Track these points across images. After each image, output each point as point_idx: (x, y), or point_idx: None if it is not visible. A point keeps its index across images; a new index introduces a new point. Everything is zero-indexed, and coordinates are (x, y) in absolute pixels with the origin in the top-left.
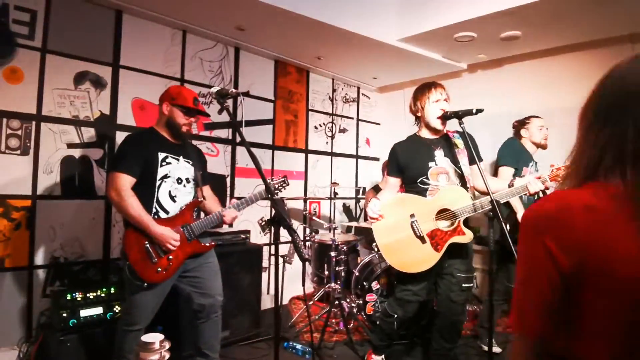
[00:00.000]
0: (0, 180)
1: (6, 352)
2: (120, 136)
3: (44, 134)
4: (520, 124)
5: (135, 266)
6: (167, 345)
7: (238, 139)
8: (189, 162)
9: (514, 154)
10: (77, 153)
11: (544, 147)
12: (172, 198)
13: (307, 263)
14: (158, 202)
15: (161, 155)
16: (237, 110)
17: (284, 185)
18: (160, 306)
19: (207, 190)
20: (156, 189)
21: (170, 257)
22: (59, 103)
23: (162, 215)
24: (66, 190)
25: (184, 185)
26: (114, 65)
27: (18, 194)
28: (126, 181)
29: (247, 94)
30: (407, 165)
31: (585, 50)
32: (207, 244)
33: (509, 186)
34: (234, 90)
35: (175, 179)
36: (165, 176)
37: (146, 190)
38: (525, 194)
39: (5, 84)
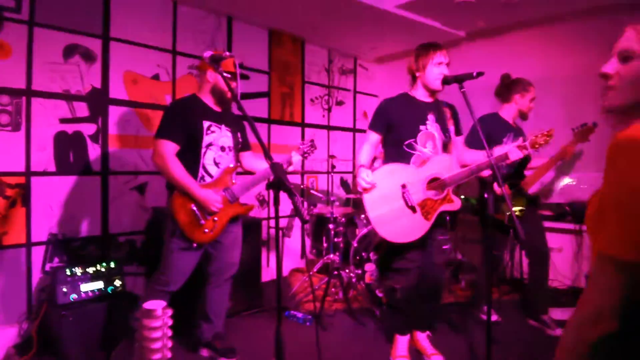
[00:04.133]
0: None
1: (6, 329)
2: (113, 111)
3: (36, 110)
4: (518, 87)
5: (185, 228)
6: (169, 312)
7: (235, 113)
8: (229, 130)
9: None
10: (70, 128)
11: (525, 118)
12: (217, 165)
13: (306, 237)
14: (204, 167)
15: (205, 124)
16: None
17: (312, 149)
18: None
19: (249, 154)
20: (202, 156)
21: (216, 218)
22: (49, 77)
23: (208, 179)
24: (61, 166)
25: (227, 154)
26: (103, 38)
27: (11, 171)
28: (170, 148)
29: (241, 66)
30: (398, 124)
31: (586, 18)
32: (247, 205)
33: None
34: (227, 53)
35: (220, 147)
36: (210, 144)
37: (192, 157)
38: (506, 162)
39: None
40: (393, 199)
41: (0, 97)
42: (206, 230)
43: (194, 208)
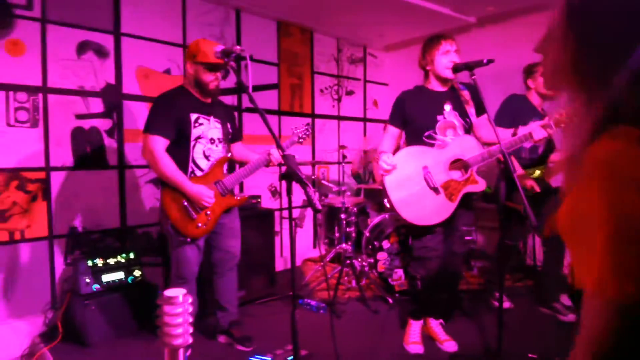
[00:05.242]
0: (12, 154)
1: (32, 318)
2: (127, 106)
3: (52, 106)
4: (526, 73)
5: (177, 224)
6: (189, 298)
7: (244, 106)
8: (218, 122)
9: (508, 113)
10: (86, 124)
11: (550, 98)
12: (207, 157)
13: (318, 227)
14: (194, 161)
15: (193, 117)
16: (242, 73)
17: (307, 133)
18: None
19: (239, 145)
20: (191, 149)
21: (208, 212)
22: (64, 74)
23: (198, 173)
24: (79, 161)
25: (217, 145)
26: (115, 33)
27: (32, 166)
28: (160, 143)
29: (250, 58)
30: (414, 117)
31: None
32: (240, 197)
33: (513, 135)
34: (238, 47)
35: (209, 139)
36: (199, 137)
37: (182, 151)
38: (529, 141)
39: (8, 56)
40: (415, 181)
41: (18, 94)
42: (199, 224)
43: (185, 203)
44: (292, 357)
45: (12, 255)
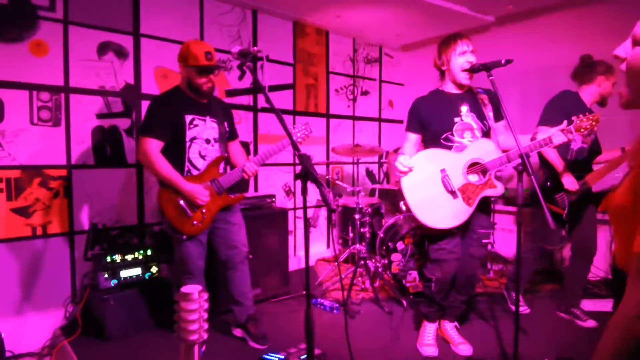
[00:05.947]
0: (36, 151)
1: (53, 312)
2: (146, 106)
3: (74, 105)
4: (602, 68)
5: (173, 222)
6: (205, 295)
7: (259, 106)
8: (214, 121)
9: (561, 110)
10: (106, 123)
11: (604, 104)
12: (203, 157)
13: (332, 227)
14: (190, 161)
15: (188, 118)
16: (258, 73)
17: (306, 132)
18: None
19: (235, 144)
20: (186, 150)
21: (204, 210)
22: (85, 74)
23: (195, 172)
24: (99, 159)
25: (212, 145)
26: (134, 34)
27: (54, 164)
28: (154, 145)
29: (266, 59)
30: (431, 121)
31: None
32: (236, 196)
33: (532, 139)
34: (255, 48)
35: (204, 140)
36: (194, 138)
37: (177, 151)
38: (548, 146)
39: (32, 57)
40: (432, 183)
41: (41, 93)
42: (195, 222)
43: (181, 202)
44: (305, 355)
45: (34, 250)
